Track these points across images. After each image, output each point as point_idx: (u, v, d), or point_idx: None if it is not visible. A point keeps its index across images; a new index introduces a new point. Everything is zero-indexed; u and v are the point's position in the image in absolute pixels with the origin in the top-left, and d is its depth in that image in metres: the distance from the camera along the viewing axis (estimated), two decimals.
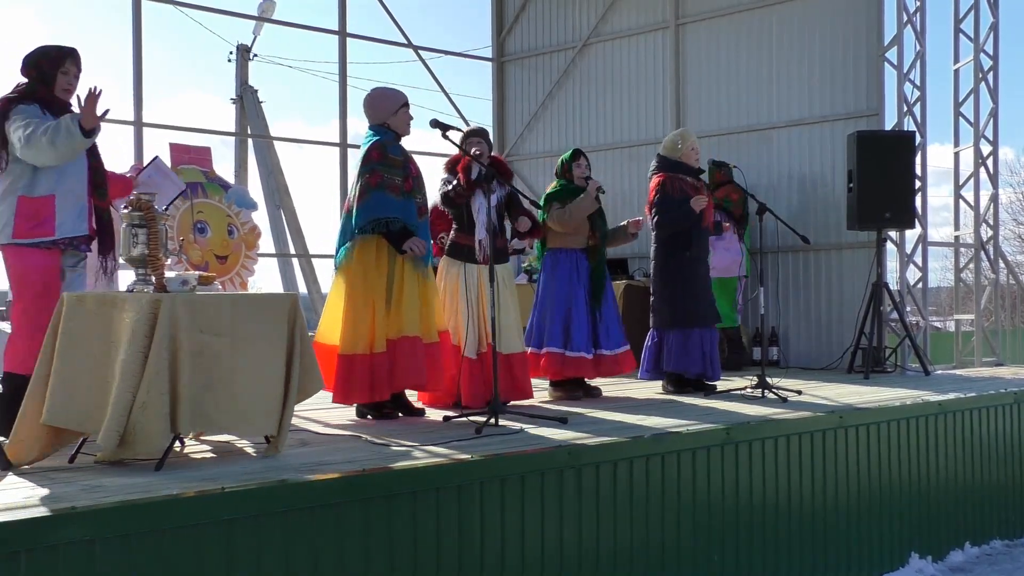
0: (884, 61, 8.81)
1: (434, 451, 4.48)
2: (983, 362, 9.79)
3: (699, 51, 10.04)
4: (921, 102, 9.06)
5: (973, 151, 9.81)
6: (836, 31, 9.11)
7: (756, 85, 9.62)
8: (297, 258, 15.94)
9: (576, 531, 4.46)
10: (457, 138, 5.81)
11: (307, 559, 3.64)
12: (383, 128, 5.66)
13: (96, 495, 3.48)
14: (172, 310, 4.03)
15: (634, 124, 10.55)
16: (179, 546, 3.35)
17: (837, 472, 5.72)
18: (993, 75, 9.89)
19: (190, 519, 3.39)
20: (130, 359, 3.96)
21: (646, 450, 4.79)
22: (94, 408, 4.03)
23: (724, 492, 5.11)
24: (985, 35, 9.87)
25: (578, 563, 4.46)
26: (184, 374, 4.03)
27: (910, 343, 8.47)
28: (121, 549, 3.24)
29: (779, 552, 5.36)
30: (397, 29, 11.15)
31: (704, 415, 5.70)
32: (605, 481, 4.60)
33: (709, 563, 5.01)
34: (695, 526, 4.96)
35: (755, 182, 8.94)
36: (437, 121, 5.57)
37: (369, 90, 5.77)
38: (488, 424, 5.15)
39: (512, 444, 4.67)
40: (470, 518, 4.11)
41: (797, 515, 5.48)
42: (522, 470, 4.32)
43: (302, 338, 4.50)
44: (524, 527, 4.27)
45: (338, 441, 4.84)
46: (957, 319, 10.20)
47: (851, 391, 7.02)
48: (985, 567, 6.29)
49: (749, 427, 5.33)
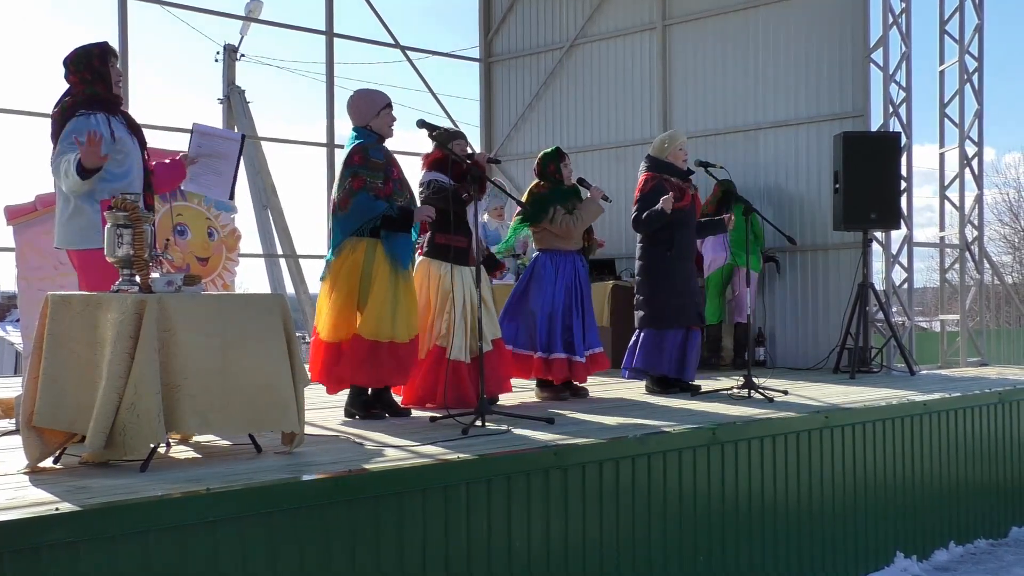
0: (870, 62, 8.84)
1: (421, 452, 4.48)
2: (968, 362, 9.84)
3: (686, 52, 10.06)
4: (906, 103, 9.11)
5: (958, 152, 9.85)
6: (822, 32, 9.14)
7: (742, 86, 9.64)
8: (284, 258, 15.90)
9: (562, 532, 4.47)
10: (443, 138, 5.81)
11: (293, 560, 3.64)
12: (366, 130, 5.65)
13: (81, 496, 3.46)
14: (158, 310, 4.02)
15: (621, 125, 10.57)
16: (164, 547, 3.34)
17: (823, 472, 5.73)
18: (978, 76, 9.94)
19: (175, 520, 3.38)
20: (116, 360, 3.94)
21: (632, 451, 4.80)
22: (82, 409, 4.02)
23: (710, 492, 5.12)
24: (970, 36, 9.91)
25: (564, 564, 4.47)
26: (171, 374, 4.02)
27: (896, 343, 8.51)
28: (106, 550, 3.23)
29: (765, 551, 5.37)
30: (384, 29, 11.15)
31: (690, 415, 5.71)
32: (591, 482, 4.60)
33: (695, 563, 5.02)
34: (681, 526, 4.97)
35: (741, 183, 8.96)
36: (424, 121, 5.57)
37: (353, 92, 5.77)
38: (475, 425, 5.15)
39: (499, 445, 4.67)
40: (456, 519, 4.11)
41: (783, 514, 5.49)
42: (508, 471, 4.32)
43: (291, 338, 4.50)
44: (510, 528, 4.28)
45: (324, 442, 4.83)
46: (942, 319, 10.24)
47: (837, 391, 7.04)
48: (969, 566, 6.32)
49: (735, 427, 5.34)
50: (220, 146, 5.25)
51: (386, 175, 5.53)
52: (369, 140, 5.61)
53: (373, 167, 5.52)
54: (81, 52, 4.73)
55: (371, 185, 5.48)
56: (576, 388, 6.80)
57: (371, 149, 5.57)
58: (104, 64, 4.72)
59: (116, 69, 4.79)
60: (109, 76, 4.73)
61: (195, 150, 5.20)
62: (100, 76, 4.71)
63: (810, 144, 9.22)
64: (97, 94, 4.69)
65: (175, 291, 4.26)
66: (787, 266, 9.35)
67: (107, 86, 4.72)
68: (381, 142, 5.65)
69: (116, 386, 3.94)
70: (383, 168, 5.54)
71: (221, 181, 5.28)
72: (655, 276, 6.94)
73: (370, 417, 5.66)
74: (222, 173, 5.25)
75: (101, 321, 4.06)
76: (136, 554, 3.29)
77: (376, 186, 5.49)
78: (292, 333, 4.52)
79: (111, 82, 4.73)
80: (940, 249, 10.57)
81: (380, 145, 5.63)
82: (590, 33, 10.83)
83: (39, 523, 3.15)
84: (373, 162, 5.53)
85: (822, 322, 9.07)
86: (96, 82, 4.70)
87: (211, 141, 5.25)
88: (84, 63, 4.71)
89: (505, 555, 4.25)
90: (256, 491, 3.62)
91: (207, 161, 5.20)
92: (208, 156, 5.19)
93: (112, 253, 4.24)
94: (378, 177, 5.51)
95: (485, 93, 11.77)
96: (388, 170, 5.56)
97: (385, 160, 5.58)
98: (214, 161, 5.22)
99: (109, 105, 4.71)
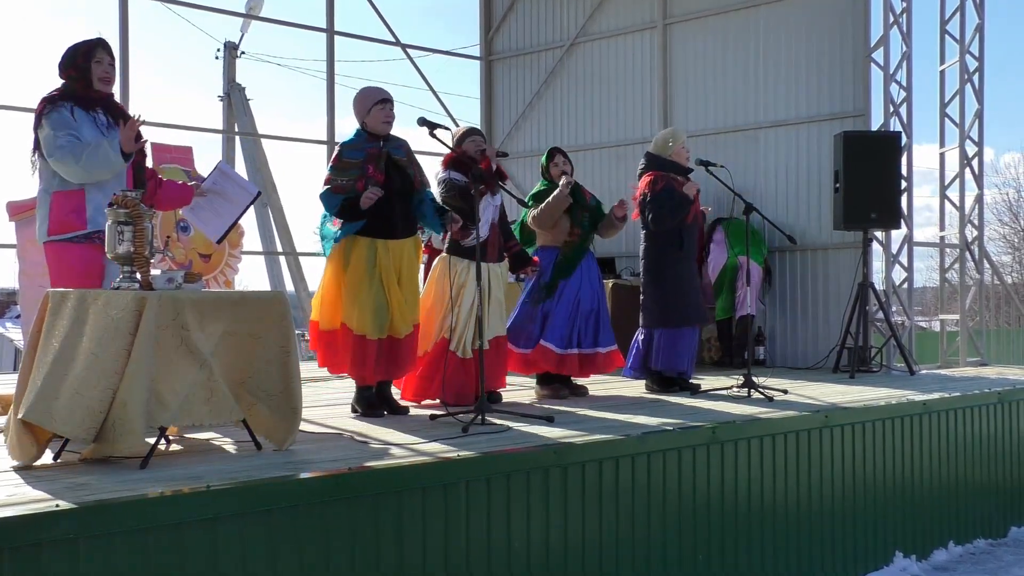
0: (870, 62, 8.84)
1: (420, 449, 4.48)
2: (968, 362, 9.84)
3: (686, 51, 10.06)
4: (907, 103, 9.10)
5: (958, 152, 9.86)
6: (823, 32, 9.14)
7: (743, 85, 9.64)
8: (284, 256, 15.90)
9: (562, 530, 4.47)
10: (445, 136, 5.80)
11: (292, 558, 3.64)
12: (361, 127, 5.69)
13: (80, 493, 3.46)
14: (158, 307, 4.01)
15: (621, 124, 10.57)
16: (163, 545, 3.34)
17: (822, 471, 5.74)
18: (979, 76, 9.94)
19: (174, 517, 3.38)
20: (113, 356, 3.94)
21: (632, 449, 4.80)
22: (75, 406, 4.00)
23: (710, 491, 5.12)
24: (971, 36, 9.91)
25: (564, 562, 4.47)
26: (168, 371, 4.02)
27: (895, 343, 8.51)
28: (105, 547, 3.23)
29: (764, 550, 5.37)
30: (385, 27, 11.16)
31: (690, 414, 5.71)
32: (591, 480, 4.60)
33: (694, 562, 5.02)
34: (680, 525, 4.97)
35: (742, 182, 8.96)
36: (425, 119, 5.56)
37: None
38: (475, 423, 5.15)
39: (498, 443, 4.67)
40: (456, 517, 4.11)
41: (782, 514, 5.49)
42: (508, 469, 4.32)
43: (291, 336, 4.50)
44: (510, 526, 4.28)
45: (323, 439, 4.83)
46: (942, 319, 10.24)
47: (836, 390, 7.05)
48: (969, 566, 6.32)
49: (735, 426, 5.34)
50: (233, 192, 5.36)
51: (361, 172, 5.54)
52: (358, 139, 5.64)
53: (344, 167, 5.56)
54: (69, 50, 4.84)
55: (336, 184, 5.53)
56: (575, 386, 6.80)
57: (348, 150, 5.60)
58: (87, 60, 4.80)
59: (104, 64, 4.83)
60: (90, 71, 4.80)
61: (209, 185, 5.34)
62: (80, 72, 4.80)
63: (810, 144, 9.22)
64: (72, 90, 4.78)
65: (175, 288, 4.26)
66: (787, 266, 9.35)
67: (85, 82, 4.80)
68: (373, 139, 5.65)
69: (111, 383, 3.94)
70: (358, 166, 5.55)
71: (218, 223, 5.39)
72: (663, 275, 6.94)
73: (371, 415, 5.66)
74: (222, 216, 5.36)
75: (99, 317, 4.05)
76: (135, 551, 3.28)
77: (339, 184, 5.53)
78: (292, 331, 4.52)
79: (91, 78, 4.80)
80: (940, 249, 10.57)
81: (364, 144, 5.62)
82: (591, 32, 10.83)
83: (38, 520, 3.14)
84: (345, 162, 5.57)
85: (822, 321, 9.08)
86: (77, 79, 4.80)
87: (227, 183, 5.38)
88: (70, 61, 4.82)
89: (505, 553, 4.25)
90: (256, 489, 3.62)
91: (214, 199, 5.32)
92: (218, 195, 5.29)
93: (112, 250, 4.25)
94: (347, 176, 5.53)
95: (486, 91, 11.77)
96: (364, 167, 5.56)
97: (363, 159, 5.57)
98: (220, 201, 5.33)
99: (83, 101, 4.77)
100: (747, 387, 6.63)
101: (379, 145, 5.63)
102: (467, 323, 6.09)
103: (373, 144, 5.62)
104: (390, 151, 5.65)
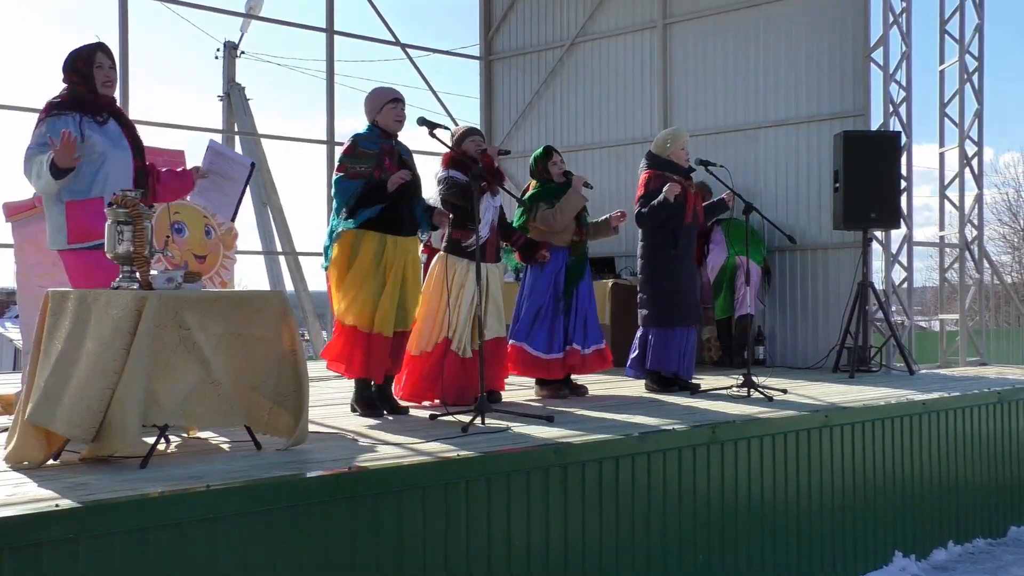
0: (870, 62, 8.84)
1: (420, 449, 4.49)
2: (967, 362, 9.84)
3: (686, 51, 10.06)
4: (907, 102, 9.10)
5: (958, 151, 9.86)
6: (822, 31, 9.14)
7: (743, 85, 9.64)
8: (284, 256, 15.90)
9: (562, 530, 4.47)
10: (444, 136, 5.81)
11: (292, 558, 3.64)
12: (372, 125, 5.71)
13: (80, 493, 3.46)
14: (157, 307, 4.02)
15: (621, 123, 10.57)
16: (163, 544, 3.34)
17: (822, 471, 5.74)
18: (978, 76, 9.94)
19: (174, 517, 3.38)
20: (113, 355, 3.94)
21: (632, 449, 4.80)
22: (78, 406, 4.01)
23: (709, 491, 5.12)
24: (970, 36, 9.91)
25: (564, 562, 4.47)
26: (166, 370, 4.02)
27: (895, 342, 8.51)
28: (105, 547, 3.23)
29: (764, 550, 5.37)
30: (385, 27, 11.15)
31: (690, 414, 5.72)
32: (591, 480, 4.61)
33: (694, 562, 5.02)
34: (680, 525, 4.97)
35: (741, 182, 8.96)
36: (425, 119, 5.57)
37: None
38: (474, 423, 5.15)
39: (498, 443, 4.68)
40: (456, 517, 4.11)
41: (782, 513, 5.50)
42: (508, 469, 4.32)
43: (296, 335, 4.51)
44: (510, 526, 4.28)
45: (324, 439, 4.83)
46: (942, 319, 10.24)
47: (836, 390, 7.05)
48: (968, 565, 6.32)
49: (734, 426, 5.34)
50: (230, 168, 5.32)
51: (377, 163, 5.55)
52: (370, 134, 5.66)
53: (360, 156, 5.57)
54: (71, 55, 4.82)
55: (353, 170, 5.53)
56: (575, 386, 6.80)
57: (362, 141, 5.63)
58: (88, 65, 4.77)
59: (105, 69, 4.81)
60: (93, 77, 4.78)
61: (207, 165, 5.28)
62: (84, 77, 4.77)
63: (810, 143, 9.22)
64: (79, 95, 4.75)
65: (175, 288, 4.26)
66: (787, 266, 9.35)
67: (89, 87, 4.77)
68: (388, 137, 5.68)
69: (110, 382, 3.94)
70: (374, 156, 5.57)
71: (226, 202, 5.37)
72: (659, 274, 6.94)
73: (371, 414, 5.67)
74: (227, 194, 5.33)
75: (100, 317, 4.05)
76: (136, 551, 3.29)
77: (357, 170, 5.53)
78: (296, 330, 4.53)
79: (95, 83, 4.78)
80: (940, 249, 10.56)
81: (379, 139, 5.65)
82: (591, 31, 10.83)
83: (39, 520, 3.14)
84: (361, 151, 5.59)
85: (822, 321, 9.08)
86: (80, 83, 4.77)
87: (222, 161, 5.33)
88: (71, 65, 4.80)
89: (505, 553, 4.26)
90: (256, 488, 3.62)
91: (216, 179, 5.28)
92: (217, 174, 5.26)
93: (112, 250, 4.25)
94: (364, 163, 5.54)
95: (485, 91, 11.77)
96: (380, 159, 5.57)
97: (378, 151, 5.59)
98: (222, 181, 5.30)
99: (88, 106, 4.74)
100: (747, 387, 6.62)
101: (391, 143, 5.69)
102: (466, 323, 6.11)
103: (386, 140, 5.67)
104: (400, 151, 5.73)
